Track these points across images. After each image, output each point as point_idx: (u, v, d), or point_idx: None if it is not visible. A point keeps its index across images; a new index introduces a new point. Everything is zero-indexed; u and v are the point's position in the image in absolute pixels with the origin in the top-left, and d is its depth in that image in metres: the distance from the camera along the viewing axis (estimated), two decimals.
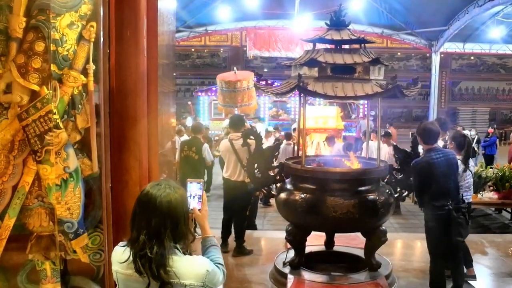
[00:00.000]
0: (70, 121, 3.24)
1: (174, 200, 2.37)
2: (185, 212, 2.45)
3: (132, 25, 3.46)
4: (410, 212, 11.22)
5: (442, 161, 5.05)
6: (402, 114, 27.24)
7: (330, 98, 5.59)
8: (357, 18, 17.94)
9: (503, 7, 18.19)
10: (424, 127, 5.27)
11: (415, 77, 5.57)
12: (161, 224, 2.32)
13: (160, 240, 2.30)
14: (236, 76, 11.64)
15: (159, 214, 2.33)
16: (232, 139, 6.69)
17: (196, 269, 2.37)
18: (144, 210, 2.36)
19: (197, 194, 2.69)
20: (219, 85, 12.09)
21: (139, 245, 2.31)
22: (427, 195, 5.09)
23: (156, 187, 2.40)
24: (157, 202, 2.34)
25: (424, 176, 5.04)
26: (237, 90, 11.53)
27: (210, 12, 20.58)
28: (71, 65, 3.19)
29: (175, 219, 2.37)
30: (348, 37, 5.25)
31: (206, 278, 2.37)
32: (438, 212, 5.00)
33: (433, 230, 5.10)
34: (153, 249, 2.27)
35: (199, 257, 2.47)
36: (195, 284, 2.34)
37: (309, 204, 5.03)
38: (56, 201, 3.18)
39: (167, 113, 4.07)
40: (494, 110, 27.90)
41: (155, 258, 2.27)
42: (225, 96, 11.83)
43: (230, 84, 11.60)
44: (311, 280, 5.13)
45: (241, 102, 11.55)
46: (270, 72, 25.05)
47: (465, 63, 28.27)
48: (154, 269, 2.27)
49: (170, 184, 2.45)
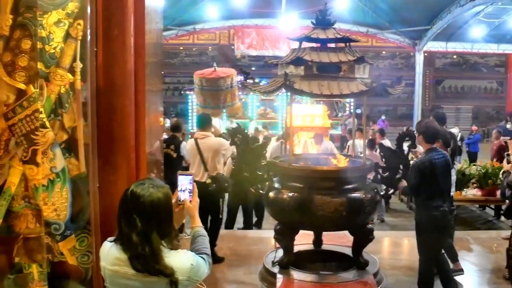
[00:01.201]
0: (57, 120, 3.20)
1: (157, 199, 2.39)
2: (169, 210, 2.47)
3: (120, 23, 3.43)
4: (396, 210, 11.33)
5: (442, 162, 5.05)
6: (387, 113, 27.41)
7: (316, 97, 5.59)
8: (342, 17, 17.98)
9: (484, 7, 18.40)
10: (428, 126, 5.25)
11: (399, 76, 5.59)
12: (147, 223, 2.34)
13: (149, 239, 2.33)
14: (218, 72, 10.09)
15: (143, 214, 2.35)
16: (197, 138, 6.55)
17: (181, 264, 2.40)
18: (129, 209, 2.38)
19: (188, 186, 2.78)
20: (197, 84, 10.26)
21: (133, 246, 2.33)
22: (423, 195, 5.08)
23: (140, 187, 2.42)
24: (141, 201, 2.36)
25: (424, 176, 5.00)
26: (220, 89, 9.89)
27: (199, 10, 20.49)
28: (58, 63, 3.16)
29: (160, 217, 2.40)
30: (333, 36, 5.26)
31: (191, 272, 2.42)
32: (433, 213, 4.98)
33: (426, 230, 5.08)
34: (146, 249, 2.31)
35: (184, 252, 2.50)
36: (181, 279, 2.38)
37: (297, 203, 5.02)
38: (43, 202, 3.13)
39: (155, 112, 4.04)
40: (477, 108, 28.22)
41: (150, 256, 2.31)
42: (205, 96, 10.18)
43: (212, 82, 9.92)
44: (300, 280, 5.13)
45: (224, 102, 10.01)
46: (258, 70, 25.06)
47: (448, 62, 28.57)
48: (154, 267, 2.31)
49: (154, 183, 2.47)
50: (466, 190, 9.03)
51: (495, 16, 19.98)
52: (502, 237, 7.35)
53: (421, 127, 5.25)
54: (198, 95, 10.40)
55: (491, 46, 23.22)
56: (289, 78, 4.87)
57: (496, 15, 19.88)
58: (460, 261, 6.01)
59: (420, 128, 5.27)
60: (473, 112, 27.76)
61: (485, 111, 28.72)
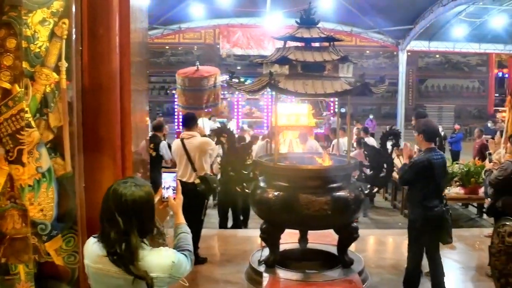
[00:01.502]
0: (43, 120, 3.18)
1: (139, 198, 2.42)
2: (151, 209, 2.50)
3: (105, 22, 3.41)
4: (381, 207, 11.43)
5: (440, 163, 5.05)
6: (371, 112, 27.60)
7: (300, 96, 5.63)
8: (326, 16, 18.05)
9: (465, 7, 18.59)
10: (428, 124, 5.24)
11: (383, 75, 5.64)
12: (127, 222, 2.37)
13: (128, 237, 2.35)
14: (201, 71, 9.72)
15: (125, 212, 2.37)
16: (184, 138, 6.49)
17: (162, 261, 2.43)
18: (111, 207, 2.40)
19: (171, 184, 2.85)
20: (180, 84, 9.88)
21: (110, 243, 2.37)
22: (419, 194, 5.04)
23: (122, 185, 2.44)
24: (122, 200, 2.38)
25: (420, 174, 4.98)
26: (203, 89, 9.50)
27: (184, 9, 20.39)
28: (43, 63, 3.13)
29: (141, 216, 2.42)
30: (317, 35, 5.30)
31: (172, 269, 2.45)
32: (429, 213, 4.97)
33: (421, 229, 5.05)
34: (122, 247, 2.34)
35: (165, 249, 2.53)
36: (162, 276, 2.41)
37: (282, 202, 5.06)
38: (29, 202, 3.11)
39: (141, 111, 4.03)
40: (459, 107, 28.56)
41: (125, 255, 2.33)
42: (188, 97, 9.76)
43: (195, 82, 9.52)
44: (286, 278, 5.16)
45: (206, 103, 9.60)
46: (243, 69, 25.10)
47: (431, 61, 28.88)
48: (127, 265, 2.33)
49: (136, 182, 2.49)
50: (449, 189, 9.12)
51: (476, 16, 20.22)
52: (484, 234, 7.45)
53: (421, 127, 5.18)
54: (180, 96, 10.04)
55: (472, 45, 23.48)
56: (274, 77, 4.89)
57: (478, 15, 20.12)
58: (443, 258, 6.08)
59: (419, 127, 5.19)
60: (456, 111, 28.09)
61: (467, 110, 29.09)
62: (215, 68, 10.33)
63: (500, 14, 19.56)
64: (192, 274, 5.80)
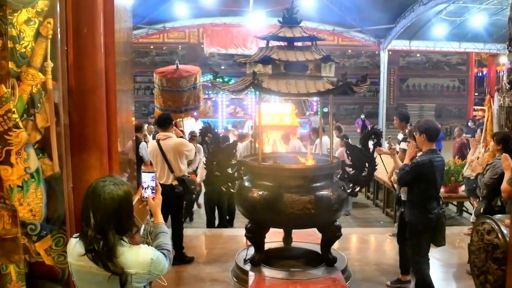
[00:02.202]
0: (30, 120, 3.17)
1: (117, 196, 2.47)
2: (129, 207, 2.55)
3: (89, 22, 3.41)
4: (362, 205, 11.52)
5: (441, 165, 5.01)
6: (354, 111, 27.75)
7: (283, 95, 5.64)
8: (309, 16, 18.11)
9: (446, 6, 18.79)
10: (430, 124, 5.13)
11: (365, 74, 5.66)
12: (105, 220, 2.42)
13: (106, 235, 2.41)
14: (180, 71, 8.82)
15: (103, 210, 2.43)
16: (159, 139, 6.46)
17: (140, 258, 2.49)
18: (89, 206, 2.46)
19: (150, 184, 2.88)
20: (158, 84, 8.98)
21: (87, 241, 2.42)
22: (419, 198, 5.01)
23: (100, 184, 2.50)
24: (101, 199, 2.44)
25: (420, 175, 4.90)
26: (182, 90, 8.66)
27: (168, 8, 20.32)
28: (29, 63, 3.12)
29: (119, 214, 2.47)
30: (300, 35, 5.31)
31: (151, 266, 2.51)
32: (429, 216, 4.97)
33: (422, 233, 5.05)
34: (100, 244, 2.39)
35: (144, 247, 2.58)
36: (141, 273, 2.48)
37: (266, 201, 5.08)
38: (18, 203, 3.11)
39: (127, 111, 4.02)
40: (439, 106, 28.81)
41: (102, 252, 2.39)
42: (166, 98, 8.88)
43: (174, 82, 8.65)
44: (271, 277, 5.20)
45: (186, 105, 8.75)
46: (228, 69, 25.06)
47: (412, 60, 29.06)
48: (105, 262, 2.39)
49: (115, 181, 2.54)
50: None
51: (456, 15, 20.47)
52: (464, 232, 7.55)
53: (422, 126, 5.05)
54: (158, 97, 9.08)
55: (453, 44, 23.76)
56: (257, 77, 4.90)
57: (458, 14, 20.36)
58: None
59: (421, 127, 5.06)
60: (436, 110, 28.31)
61: (447, 109, 29.35)
62: (195, 67, 9.54)
63: (480, 13, 19.84)
64: (179, 273, 5.85)
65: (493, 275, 4.12)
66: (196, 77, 8.88)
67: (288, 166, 5.56)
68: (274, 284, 5.06)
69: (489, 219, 4.30)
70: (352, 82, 5.24)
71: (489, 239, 4.20)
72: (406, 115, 7.37)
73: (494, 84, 24.65)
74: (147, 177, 2.89)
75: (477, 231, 4.42)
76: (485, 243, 4.24)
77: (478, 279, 4.37)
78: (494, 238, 4.14)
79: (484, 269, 4.26)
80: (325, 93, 5.06)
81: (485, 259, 4.25)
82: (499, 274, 4.05)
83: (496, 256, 4.09)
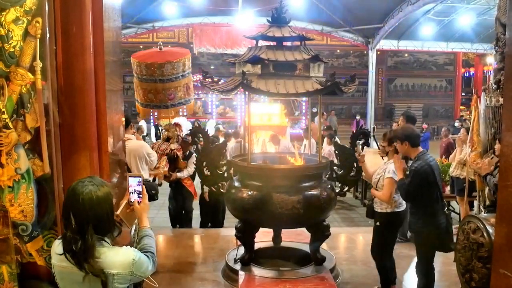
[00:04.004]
0: (20, 121, 3.16)
1: (96, 197, 2.47)
2: (109, 208, 2.54)
3: (78, 21, 3.40)
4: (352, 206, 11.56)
5: (436, 165, 4.90)
6: (342, 111, 27.90)
7: (272, 96, 5.65)
8: (298, 15, 18.14)
9: (434, 5, 18.91)
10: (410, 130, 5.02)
11: (353, 74, 5.69)
12: (84, 221, 2.43)
13: (84, 235, 2.41)
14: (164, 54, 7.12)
15: (81, 211, 2.43)
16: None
17: (122, 258, 2.50)
18: (68, 206, 2.48)
19: (136, 188, 2.88)
20: (136, 71, 7.17)
21: (66, 241, 2.44)
22: (425, 206, 4.82)
23: (80, 184, 2.50)
24: (79, 199, 2.44)
25: (425, 182, 4.73)
26: (167, 78, 6.92)
27: (157, 8, 20.25)
28: (18, 62, 3.11)
29: (98, 215, 2.47)
30: (289, 34, 5.32)
31: (133, 266, 2.51)
32: (437, 223, 4.80)
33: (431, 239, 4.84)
34: (78, 244, 2.39)
35: (125, 248, 2.59)
36: (123, 273, 2.48)
37: (256, 201, 5.11)
38: (9, 204, 3.09)
39: (116, 111, 4.01)
40: (427, 106, 29.02)
41: (80, 253, 2.39)
42: (146, 90, 7.13)
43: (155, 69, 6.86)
44: (261, 276, 5.24)
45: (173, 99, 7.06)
46: (217, 69, 25.03)
47: (399, 60, 29.26)
48: (81, 262, 2.39)
49: (94, 181, 2.55)
50: None
51: (444, 14, 20.61)
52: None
53: (402, 134, 4.93)
54: (137, 89, 7.37)
55: (440, 44, 23.91)
56: (246, 77, 4.91)
57: (446, 13, 20.51)
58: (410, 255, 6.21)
59: (401, 136, 4.93)
60: (424, 110, 28.52)
61: (434, 109, 29.59)
62: (184, 49, 7.90)
63: (468, 13, 19.99)
64: (169, 273, 5.84)
65: (478, 274, 4.17)
66: (185, 62, 7.27)
67: (277, 166, 5.59)
68: (264, 283, 5.08)
69: (475, 218, 4.35)
70: (341, 82, 5.26)
71: (474, 238, 4.24)
72: (413, 117, 7.18)
73: (481, 84, 24.91)
74: (133, 182, 2.90)
75: (463, 230, 4.46)
76: (471, 241, 4.28)
77: (464, 277, 4.41)
78: (479, 237, 4.18)
79: (469, 267, 4.30)
80: (314, 93, 5.08)
81: (470, 257, 4.29)
82: (483, 273, 4.09)
83: (481, 254, 4.14)
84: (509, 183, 3.43)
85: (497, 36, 5.82)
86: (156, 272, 2.74)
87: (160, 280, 5.64)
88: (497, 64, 5.85)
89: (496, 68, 5.88)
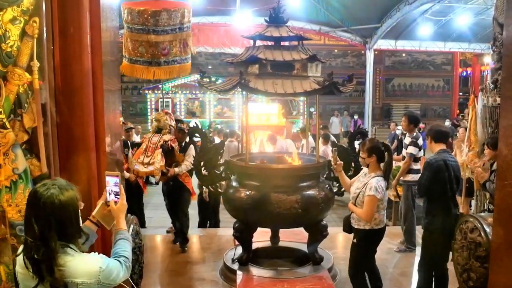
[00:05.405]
0: (17, 121, 3.15)
1: (58, 201, 2.33)
2: (73, 213, 2.40)
3: (75, 21, 3.39)
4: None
5: (455, 166, 4.83)
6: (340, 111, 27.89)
7: (270, 95, 5.65)
8: (295, 15, 18.11)
9: (431, 5, 18.92)
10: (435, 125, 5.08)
11: (351, 74, 5.69)
12: (45, 226, 2.29)
13: (46, 242, 2.27)
14: (160, 2, 6.32)
15: (43, 215, 2.29)
16: None
17: (87, 267, 2.35)
18: (30, 211, 2.35)
19: (113, 188, 2.74)
20: (127, 21, 6.34)
21: (26, 248, 2.30)
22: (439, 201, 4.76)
23: (42, 187, 2.37)
24: (40, 203, 2.31)
25: (439, 177, 4.69)
26: (161, 29, 6.14)
27: None
28: (15, 62, 3.10)
29: (61, 220, 2.33)
30: (286, 34, 5.33)
31: (100, 275, 2.37)
32: (451, 222, 4.70)
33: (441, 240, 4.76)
34: (40, 251, 2.26)
35: (92, 255, 2.46)
36: (88, 282, 2.34)
37: (254, 201, 5.11)
38: (7, 204, 3.09)
39: (114, 111, 4.01)
40: (424, 106, 29.03)
41: (41, 260, 2.25)
42: (137, 42, 6.24)
43: (147, 16, 6.08)
44: (259, 276, 5.24)
45: (167, 54, 6.26)
46: (215, 69, 25.01)
47: (397, 60, 29.26)
48: (43, 271, 2.26)
49: (58, 184, 2.40)
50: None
51: (442, 14, 20.64)
52: None
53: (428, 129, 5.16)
54: (126, 41, 6.44)
55: (438, 44, 23.94)
56: (244, 77, 4.91)
57: (443, 13, 20.53)
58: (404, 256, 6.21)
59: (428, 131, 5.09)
60: (421, 110, 28.53)
61: (432, 109, 29.61)
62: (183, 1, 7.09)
63: (465, 12, 20.02)
64: (167, 272, 5.84)
65: (476, 273, 4.18)
66: (184, 14, 6.48)
67: (275, 166, 5.59)
68: (262, 283, 5.08)
69: (472, 218, 4.36)
70: (338, 82, 5.27)
71: (472, 237, 4.25)
72: (416, 117, 7.13)
73: (478, 83, 24.93)
74: (111, 181, 2.76)
75: (461, 230, 4.47)
76: (468, 241, 4.29)
77: (461, 276, 4.42)
78: (477, 237, 4.19)
79: (467, 267, 4.31)
80: (312, 93, 5.08)
81: (468, 257, 4.30)
82: (481, 272, 4.11)
83: (479, 254, 4.15)
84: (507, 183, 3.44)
85: (494, 36, 5.84)
86: (154, 272, 2.71)
87: (158, 280, 5.65)
88: (495, 64, 5.87)
89: (494, 68, 5.89)
